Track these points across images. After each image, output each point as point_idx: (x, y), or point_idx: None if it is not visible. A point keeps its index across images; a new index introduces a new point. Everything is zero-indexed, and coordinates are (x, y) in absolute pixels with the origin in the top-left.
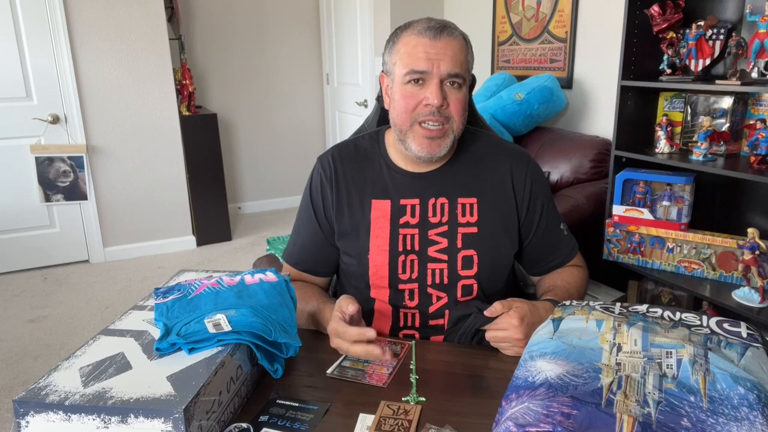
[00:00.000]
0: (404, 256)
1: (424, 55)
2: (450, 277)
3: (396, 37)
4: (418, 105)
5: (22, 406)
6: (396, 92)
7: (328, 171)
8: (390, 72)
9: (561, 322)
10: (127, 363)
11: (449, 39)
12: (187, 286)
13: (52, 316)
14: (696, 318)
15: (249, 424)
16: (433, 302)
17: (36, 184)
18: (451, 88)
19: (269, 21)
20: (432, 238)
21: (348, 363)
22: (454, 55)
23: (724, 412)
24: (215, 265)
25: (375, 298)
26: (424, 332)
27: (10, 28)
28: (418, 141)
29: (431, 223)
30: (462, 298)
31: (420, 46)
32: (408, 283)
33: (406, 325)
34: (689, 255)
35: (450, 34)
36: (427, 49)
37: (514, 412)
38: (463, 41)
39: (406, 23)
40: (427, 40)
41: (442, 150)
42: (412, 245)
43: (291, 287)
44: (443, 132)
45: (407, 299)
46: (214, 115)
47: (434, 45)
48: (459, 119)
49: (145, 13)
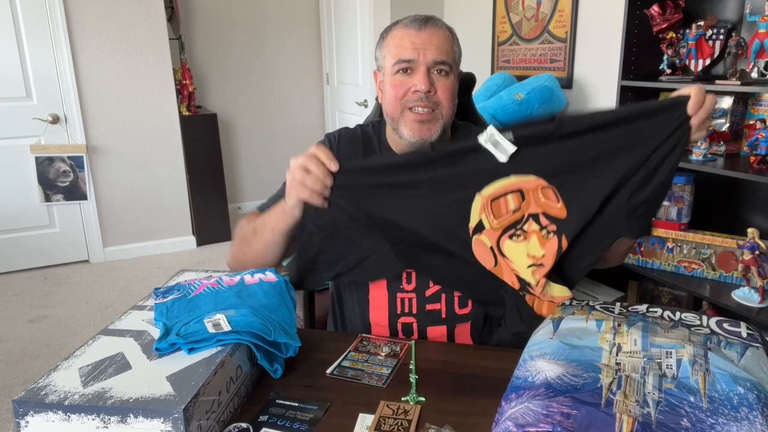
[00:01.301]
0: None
1: (410, 45)
2: None
3: (385, 34)
4: (407, 92)
5: (21, 406)
6: (386, 83)
7: (332, 147)
8: (381, 67)
9: (561, 322)
10: (127, 363)
11: (434, 29)
12: (186, 286)
13: (52, 316)
14: (696, 318)
15: (248, 423)
16: (430, 285)
17: (36, 184)
18: (439, 75)
19: (269, 21)
20: None
21: (348, 363)
22: (439, 44)
23: (723, 412)
24: (215, 265)
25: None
26: (422, 319)
27: (10, 28)
28: (409, 126)
29: None
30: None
31: (406, 37)
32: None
33: (403, 311)
34: (689, 255)
35: (434, 25)
36: (413, 39)
37: (513, 412)
38: (448, 32)
39: (395, 21)
40: (413, 31)
41: (433, 134)
42: None
43: (291, 287)
44: (433, 117)
45: (404, 281)
46: (214, 115)
47: (419, 35)
48: (448, 105)
49: (145, 13)
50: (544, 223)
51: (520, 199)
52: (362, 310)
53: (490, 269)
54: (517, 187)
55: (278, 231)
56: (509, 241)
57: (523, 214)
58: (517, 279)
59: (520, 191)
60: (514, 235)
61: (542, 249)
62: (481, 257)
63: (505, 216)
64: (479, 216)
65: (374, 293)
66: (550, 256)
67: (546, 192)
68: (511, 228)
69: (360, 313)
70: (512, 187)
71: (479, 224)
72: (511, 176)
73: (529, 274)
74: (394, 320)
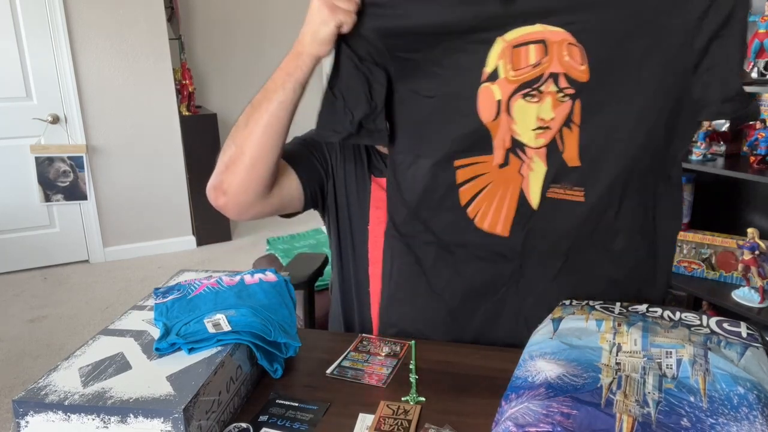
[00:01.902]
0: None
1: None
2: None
3: None
4: None
5: (21, 406)
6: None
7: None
8: None
9: (561, 322)
10: (127, 363)
11: None
12: (186, 286)
13: (52, 316)
14: (696, 318)
15: (248, 423)
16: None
17: (36, 184)
18: None
19: (269, 21)
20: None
21: (348, 363)
22: None
23: (723, 412)
24: (215, 265)
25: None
26: None
27: (10, 28)
28: None
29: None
30: None
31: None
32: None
33: None
34: (689, 255)
35: None
36: None
37: (513, 412)
38: None
39: None
40: None
41: None
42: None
43: (290, 287)
44: None
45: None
46: (214, 115)
47: None
48: None
49: (145, 13)
50: (562, 85)
51: (542, 51)
52: (366, 309)
53: (486, 122)
54: (541, 37)
55: (297, 79)
56: (521, 101)
57: (543, 72)
58: (511, 139)
59: (544, 42)
60: (528, 94)
61: (553, 112)
62: (482, 106)
63: (524, 69)
64: (496, 62)
65: (375, 289)
66: (559, 120)
67: (571, 49)
68: (527, 86)
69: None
70: (536, 36)
71: (494, 72)
72: (537, 24)
73: (533, 136)
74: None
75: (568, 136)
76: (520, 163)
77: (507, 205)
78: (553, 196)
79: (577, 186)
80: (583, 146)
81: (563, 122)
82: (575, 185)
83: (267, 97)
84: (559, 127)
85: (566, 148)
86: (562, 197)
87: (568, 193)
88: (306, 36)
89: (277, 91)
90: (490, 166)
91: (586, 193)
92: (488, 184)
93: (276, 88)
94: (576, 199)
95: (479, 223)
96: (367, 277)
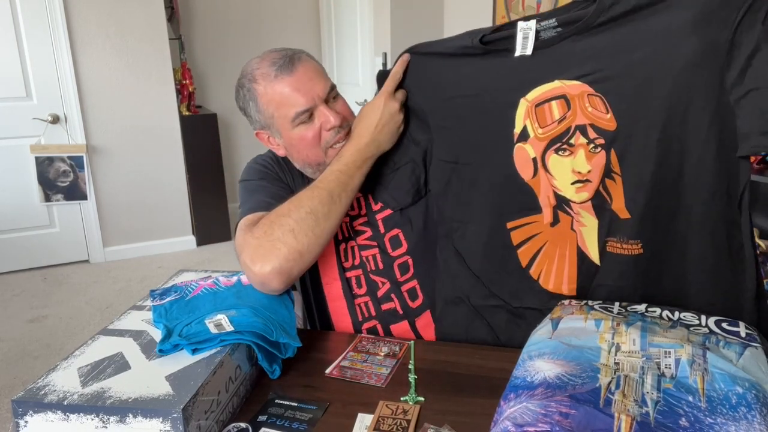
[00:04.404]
0: (344, 244)
1: (296, 93)
2: (384, 261)
3: (254, 92)
4: (319, 134)
5: (20, 405)
6: (292, 138)
7: (275, 168)
8: (268, 126)
9: (560, 322)
10: (126, 363)
11: (302, 63)
12: (183, 288)
13: (51, 316)
14: (695, 318)
15: (248, 423)
16: (380, 286)
17: (36, 184)
18: (334, 100)
19: (269, 21)
20: (357, 228)
21: (347, 363)
22: (316, 73)
23: (722, 412)
24: (215, 265)
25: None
26: (383, 320)
27: (10, 28)
28: None
29: (351, 215)
30: (401, 277)
31: (287, 87)
32: (352, 270)
33: (364, 316)
34: None
35: (299, 60)
36: (296, 86)
37: (512, 412)
38: (307, 55)
39: (248, 76)
40: (287, 77)
41: None
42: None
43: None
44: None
45: (355, 287)
46: (214, 115)
47: (297, 77)
48: (352, 118)
49: (145, 13)
50: (592, 136)
51: (565, 106)
52: (327, 322)
53: (527, 180)
54: (561, 92)
55: (363, 174)
56: (555, 156)
57: (570, 125)
58: (554, 195)
59: (564, 97)
60: (560, 149)
61: (588, 164)
62: (520, 166)
63: (551, 126)
64: (523, 122)
65: (333, 305)
66: (597, 171)
67: (593, 100)
68: (557, 141)
69: (327, 326)
70: (556, 91)
71: (524, 131)
72: (555, 81)
73: (573, 190)
74: (358, 327)
75: (612, 187)
76: (570, 219)
77: (568, 264)
78: (612, 251)
79: (632, 239)
80: (629, 197)
81: (602, 173)
82: (630, 238)
83: (346, 190)
84: (600, 178)
85: (614, 200)
86: (619, 251)
87: (625, 247)
88: (381, 134)
89: (355, 180)
90: (542, 225)
91: (643, 245)
92: (545, 243)
93: (353, 180)
94: (635, 252)
95: (544, 284)
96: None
